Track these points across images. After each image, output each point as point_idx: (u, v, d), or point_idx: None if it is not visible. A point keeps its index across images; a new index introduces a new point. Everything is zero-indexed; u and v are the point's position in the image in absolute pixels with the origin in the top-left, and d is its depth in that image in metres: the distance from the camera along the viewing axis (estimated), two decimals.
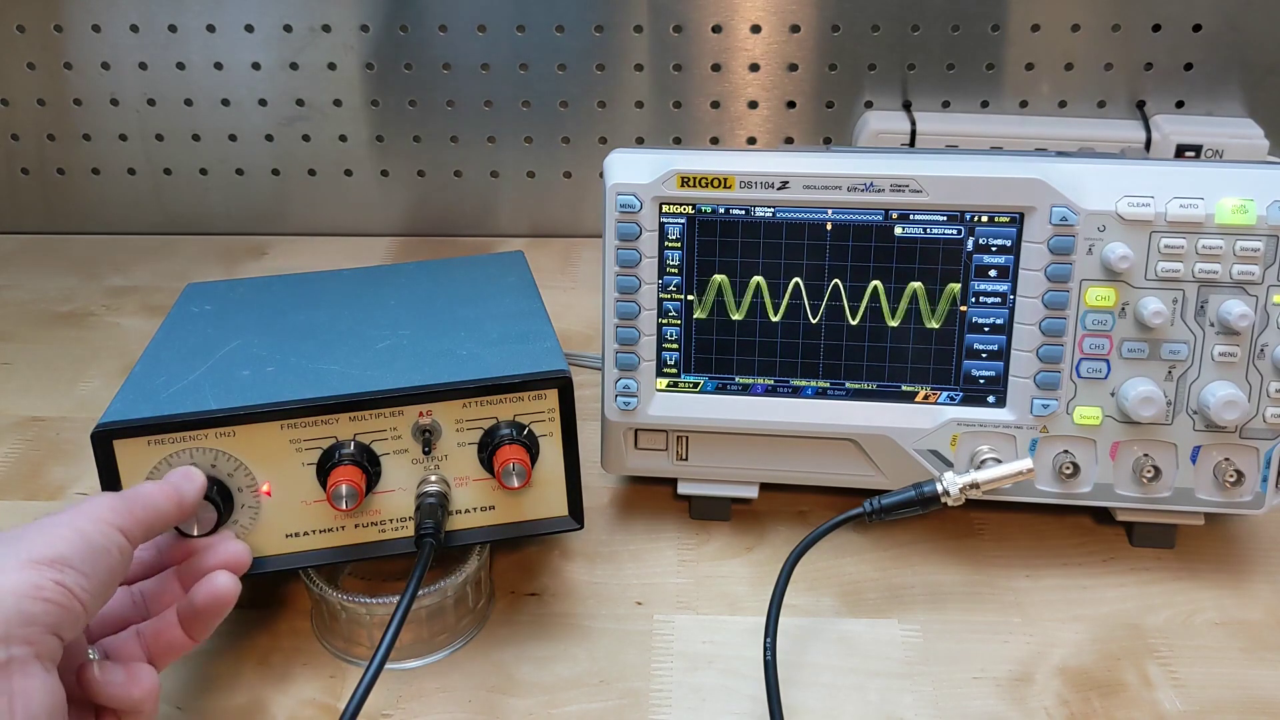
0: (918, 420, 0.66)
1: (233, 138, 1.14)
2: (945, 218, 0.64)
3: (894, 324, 0.66)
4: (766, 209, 0.65)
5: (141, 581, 0.55)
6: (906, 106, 1.08)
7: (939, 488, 0.61)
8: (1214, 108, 1.06)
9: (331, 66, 1.10)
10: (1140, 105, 1.06)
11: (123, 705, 0.48)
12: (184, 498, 0.53)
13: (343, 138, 1.13)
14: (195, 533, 0.55)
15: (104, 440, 0.56)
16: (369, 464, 0.57)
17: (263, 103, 1.12)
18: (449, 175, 1.15)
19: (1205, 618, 0.64)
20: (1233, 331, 0.62)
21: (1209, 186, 0.62)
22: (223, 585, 0.51)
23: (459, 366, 0.59)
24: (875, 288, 0.66)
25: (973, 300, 0.65)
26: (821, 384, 0.68)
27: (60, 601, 0.43)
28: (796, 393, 0.68)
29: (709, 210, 0.65)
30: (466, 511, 0.60)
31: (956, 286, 0.65)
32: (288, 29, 1.09)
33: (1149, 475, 0.64)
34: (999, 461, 0.64)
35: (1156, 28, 1.04)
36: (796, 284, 0.66)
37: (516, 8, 1.07)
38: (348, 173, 1.15)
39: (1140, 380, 0.63)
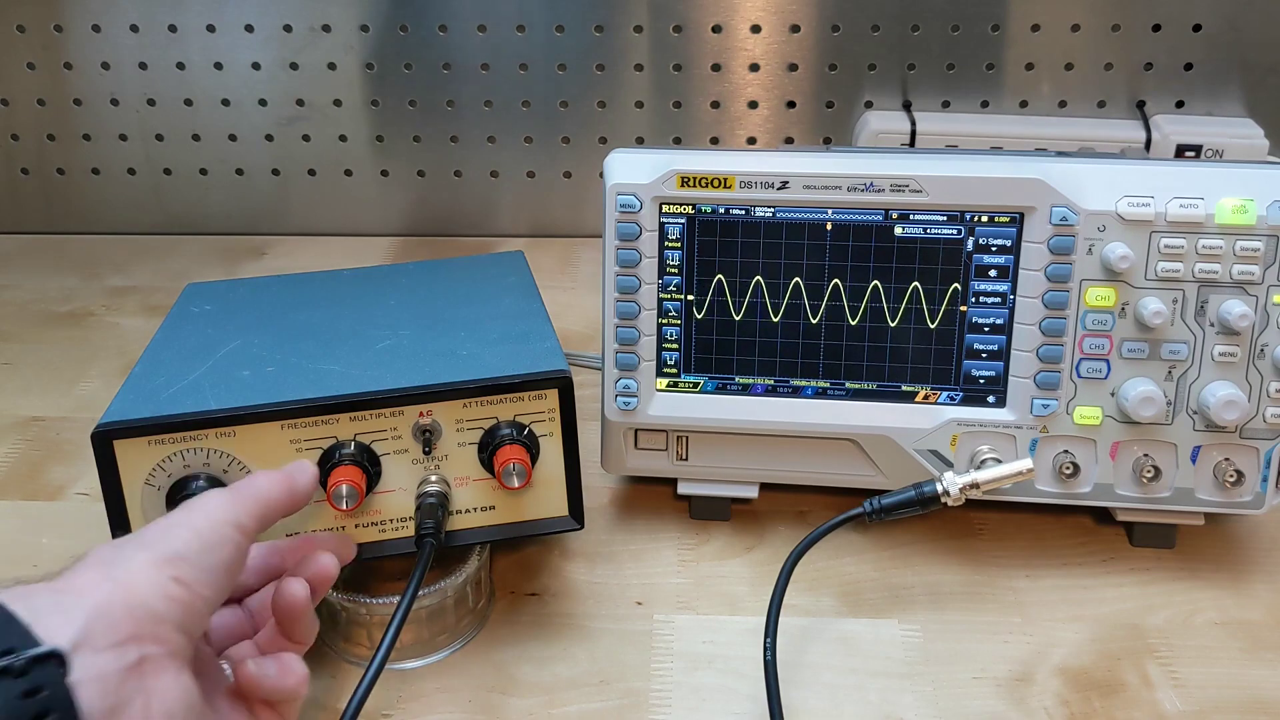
0: (918, 420, 0.66)
1: (233, 138, 1.14)
2: (945, 218, 0.64)
3: (894, 324, 0.66)
4: (766, 209, 0.65)
5: (249, 597, 0.55)
6: (906, 106, 1.08)
7: (939, 488, 0.61)
8: (1214, 108, 1.06)
9: (331, 66, 1.10)
10: (1140, 105, 1.06)
11: (280, 695, 0.49)
12: (295, 485, 0.52)
13: (343, 138, 1.13)
14: None
15: (104, 440, 0.56)
16: (369, 464, 0.57)
17: (263, 103, 1.12)
18: (449, 175, 1.15)
19: (1205, 618, 0.64)
20: (1233, 331, 0.62)
21: (1209, 186, 0.62)
22: (293, 593, 0.51)
23: (459, 366, 0.59)
24: (875, 288, 0.66)
25: (973, 300, 0.65)
26: (821, 384, 0.68)
27: (181, 598, 0.44)
28: (796, 393, 0.68)
29: (709, 210, 0.65)
30: (466, 511, 0.60)
31: (956, 286, 0.65)
32: (288, 29, 1.09)
33: (1149, 475, 0.64)
34: (999, 461, 0.64)
35: (1156, 28, 1.04)
36: (796, 284, 0.66)
37: (516, 8, 1.07)
38: (348, 173, 1.15)
39: (1140, 380, 0.63)
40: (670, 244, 0.66)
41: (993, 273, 0.65)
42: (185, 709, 0.43)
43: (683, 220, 0.66)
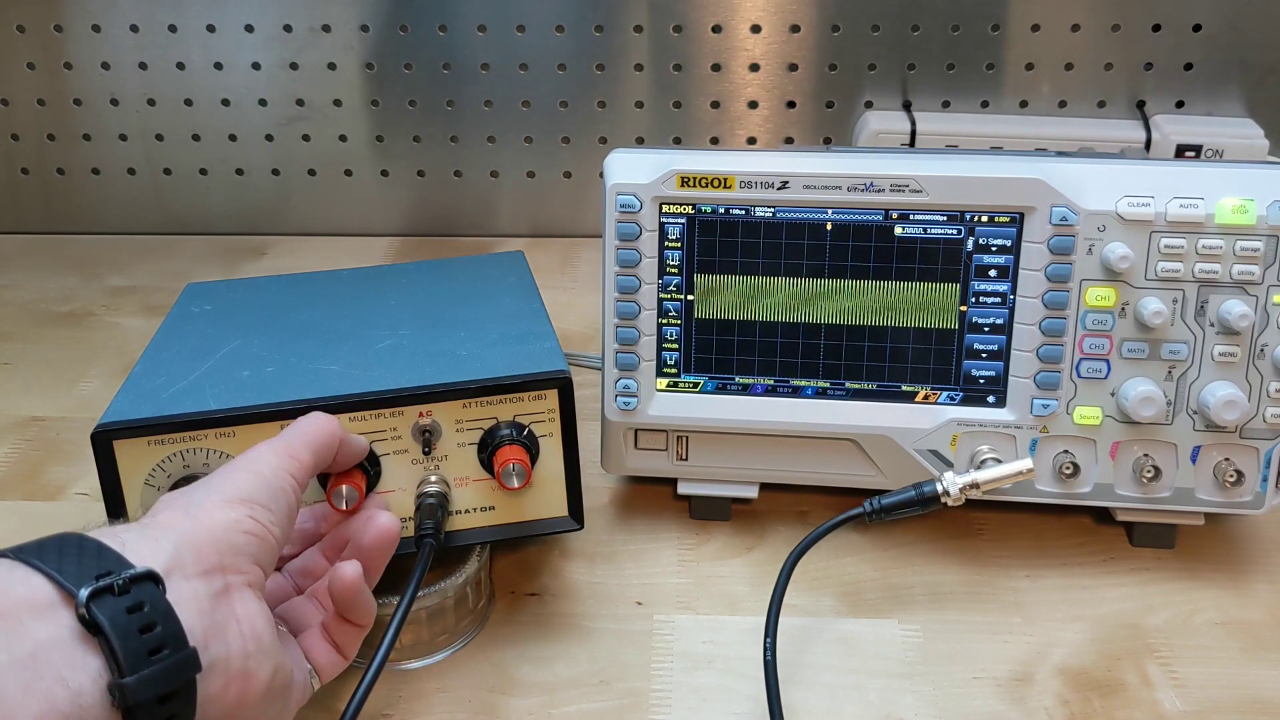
0: (918, 420, 0.66)
1: (233, 138, 1.14)
2: (945, 218, 0.64)
3: (894, 324, 0.66)
4: (766, 209, 0.65)
5: (288, 564, 0.57)
6: (906, 106, 1.08)
7: (939, 488, 0.61)
8: (1214, 108, 1.06)
9: (331, 66, 1.10)
10: (1140, 105, 1.06)
11: (361, 616, 0.52)
12: (348, 434, 0.55)
13: (343, 138, 1.13)
14: None
15: (104, 440, 0.56)
16: (369, 464, 0.57)
17: (263, 103, 1.12)
18: (449, 175, 1.15)
19: (1205, 618, 0.64)
20: (1233, 331, 0.62)
21: (1209, 186, 0.62)
22: (386, 521, 0.54)
23: (459, 366, 0.59)
24: (875, 288, 0.66)
25: (973, 300, 0.65)
26: (821, 384, 0.68)
27: (257, 534, 0.47)
28: (796, 393, 0.68)
29: (709, 210, 0.65)
30: (466, 512, 0.60)
31: (956, 286, 0.65)
32: (288, 29, 1.09)
33: (1149, 475, 0.64)
34: (999, 461, 0.64)
35: (1156, 28, 1.04)
36: (796, 284, 0.66)
37: (516, 8, 1.07)
38: (348, 173, 1.15)
39: (1140, 380, 0.63)
40: (670, 244, 0.66)
41: (993, 273, 0.65)
42: (270, 634, 0.46)
43: (683, 220, 0.66)
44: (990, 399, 0.66)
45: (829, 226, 0.65)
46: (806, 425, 0.67)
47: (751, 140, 1.11)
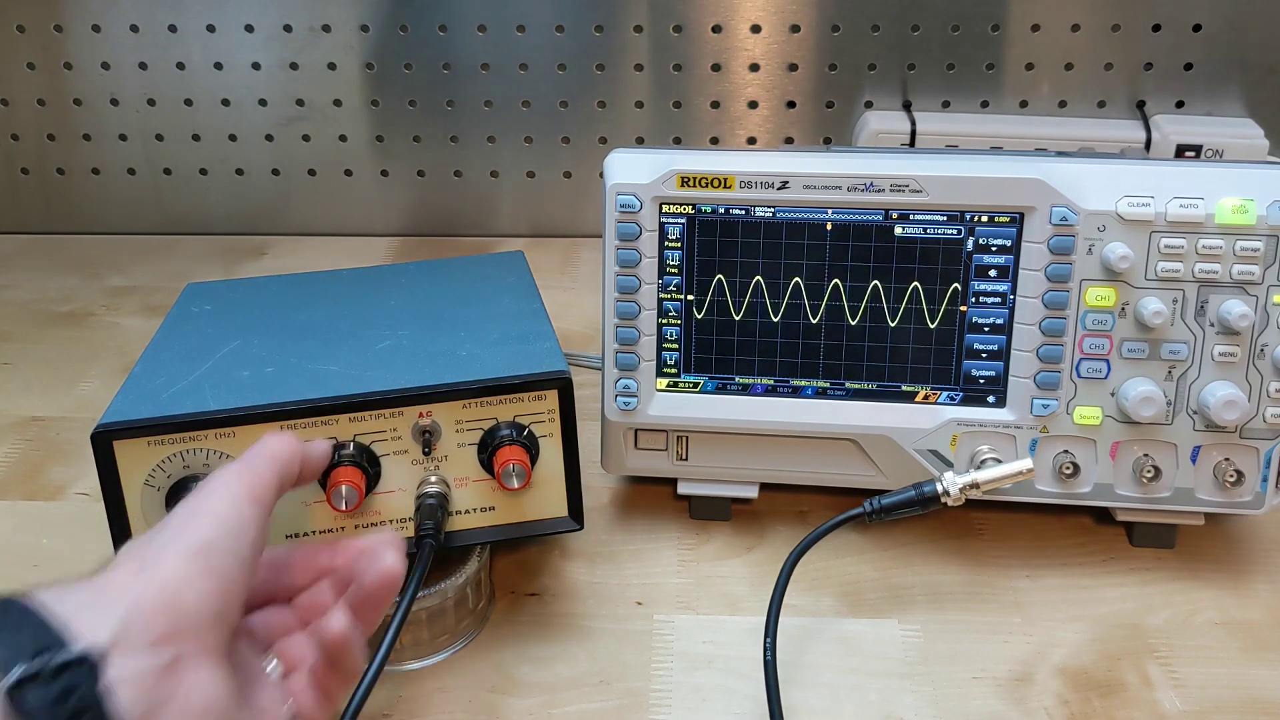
0: (918, 420, 0.66)
1: (233, 138, 1.14)
2: (945, 218, 0.64)
3: (894, 324, 0.66)
4: (766, 209, 0.65)
5: (298, 597, 0.54)
6: (906, 106, 1.08)
7: (939, 488, 0.61)
8: (1214, 108, 1.06)
9: (331, 66, 1.10)
10: (1140, 105, 1.06)
11: (350, 667, 0.49)
12: (310, 450, 0.52)
13: (343, 138, 1.13)
14: None
15: (104, 440, 0.56)
16: (369, 465, 0.57)
17: (263, 103, 1.12)
18: (449, 175, 1.15)
19: (1205, 618, 0.64)
20: (1233, 331, 0.62)
21: (1209, 186, 0.62)
22: (391, 564, 0.49)
23: (459, 367, 0.59)
24: (875, 288, 0.66)
25: (973, 300, 0.65)
26: (821, 384, 0.68)
27: (216, 588, 0.44)
28: (796, 393, 0.68)
29: (709, 210, 0.65)
30: (466, 512, 0.60)
31: (956, 286, 0.65)
32: (288, 29, 1.09)
33: (1149, 475, 0.64)
34: (999, 461, 0.64)
35: (1156, 28, 1.04)
36: (796, 284, 0.66)
37: (516, 8, 1.07)
38: (348, 173, 1.15)
39: (1140, 380, 0.63)
40: (670, 244, 0.66)
41: (993, 273, 0.65)
42: (220, 707, 0.43)
43: (683, 220, 0.66)
44: (990, 399, 0.66)
45: (829, 226, 0.65)
46: (806, 425, 0.67)
47: (751, 140, 1.11)
